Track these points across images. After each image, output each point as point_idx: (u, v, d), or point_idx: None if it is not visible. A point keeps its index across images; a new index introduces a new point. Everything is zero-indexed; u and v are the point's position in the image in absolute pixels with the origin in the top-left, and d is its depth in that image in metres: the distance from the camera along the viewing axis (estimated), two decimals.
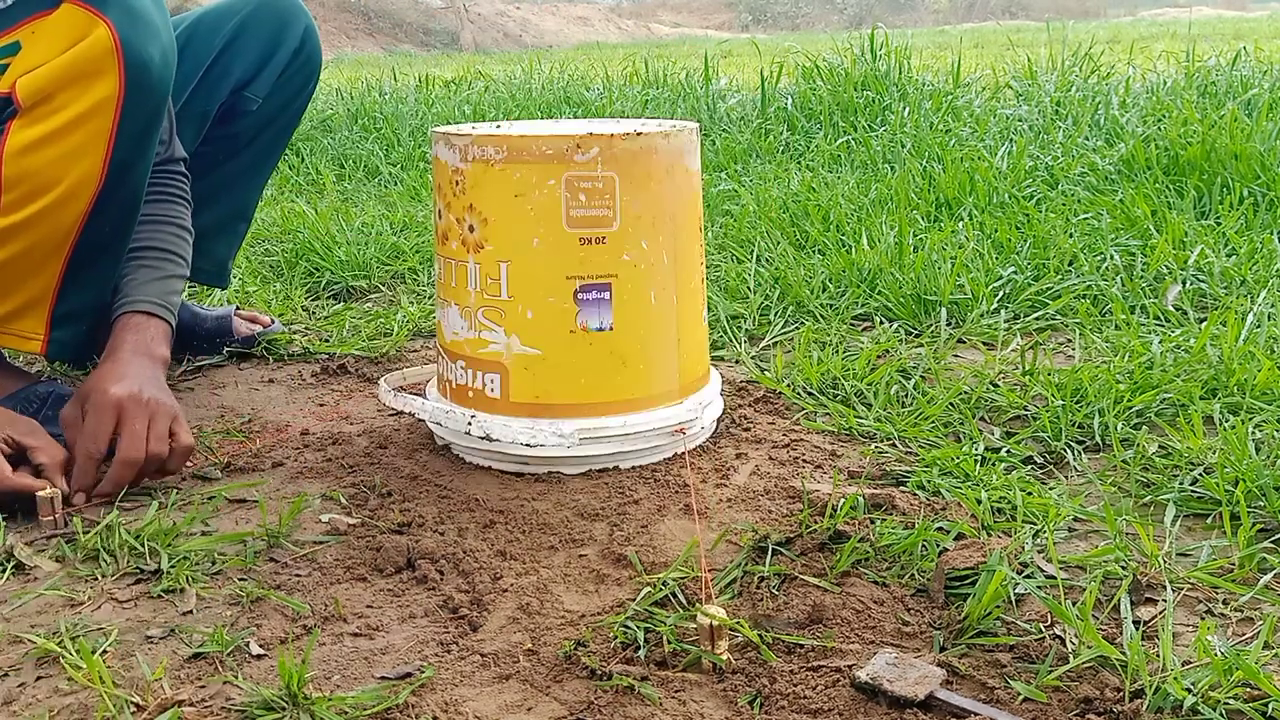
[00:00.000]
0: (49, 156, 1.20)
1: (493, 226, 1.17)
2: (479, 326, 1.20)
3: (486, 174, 1.16)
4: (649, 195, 1.18)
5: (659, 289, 1.21)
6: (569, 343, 1.18)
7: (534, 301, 1.17)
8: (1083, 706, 0.78)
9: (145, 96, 1.23)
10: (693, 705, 0.80)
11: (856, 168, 2.69)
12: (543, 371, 1.18)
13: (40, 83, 1.17)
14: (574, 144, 1.14)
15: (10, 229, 1.22)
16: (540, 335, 1.18)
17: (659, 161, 1.19)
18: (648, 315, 1.20)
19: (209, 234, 1.68)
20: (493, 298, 1.18)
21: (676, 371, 1.24)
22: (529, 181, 1.15)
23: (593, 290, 1.17)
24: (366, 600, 0.97)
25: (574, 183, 1.15)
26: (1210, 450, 1.15)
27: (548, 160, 1.14)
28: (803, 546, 1.01)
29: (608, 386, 1.19)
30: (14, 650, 0.91)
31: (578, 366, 1.18)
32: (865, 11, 23.96)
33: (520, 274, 1.17)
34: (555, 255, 1.16)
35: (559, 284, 1.17)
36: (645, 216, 1.18)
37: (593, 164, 1.14)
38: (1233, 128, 2.33)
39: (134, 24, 1.20)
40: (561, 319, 1.17)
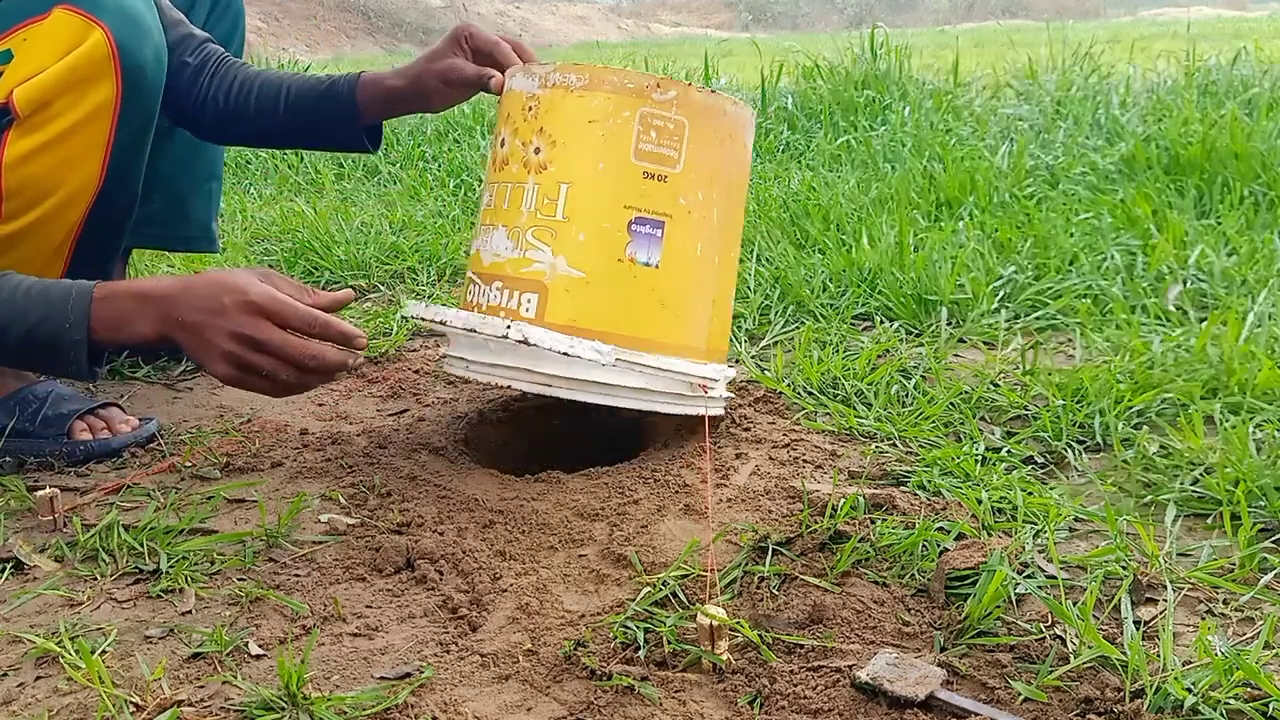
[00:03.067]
0: (48, 164, 1.20)
1: (560, 149, 1.19)
2: (526, 246, 1.20)
3: (564, 99, 1.19)
4: (711, 151, 1.22)
5: (706, 243, 1.23)
6: (615, 271, 1.18)
7: (588, 225, 1.18)
8: (1083, 706, 0.78)
9: (141, 100, 1.23)
10: (693, 705, 0.80)
11: (857, 167, 2.68)
12: (583, 295, 1.18)
13: (38, 91, 1.17)
14: (654, 83, 1.19)
15: (10, 236, 1.22)
16: (588, 259, 1.18)
17: (725, 124, 1.23)
18: (692, 263, 1.22)
19: (184, 199, 1.69)
20: (546, 218, 1.19)
21: (706, 332, 1.25)
22: (605, 110, 1.18)
23: (647, 224, 1.18)
24: (366, 600, 0.97)
25: (648, 118, 1.18)
26: (1211, 450, 1.14)
27: (626, 93, 1.18)
28: (803, 546, 1.00)
29: (644, 323, 1.19)
30: (13, 650, 0.91)
31: (619, 296, 1.18)
32: (865, 11, 23.95)
33: (580, 197, 1.18)
34: (617, 183, 1.18)
35: (616, 211, 1.18)
36: (705, 169, 1.21)
37: (668, 105, 1.19)
38: (1233, 127, 2.33)
39: (129, 28, 1.19)
40: (612, 246, 1.18)
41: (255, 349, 1.11)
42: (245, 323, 1.10)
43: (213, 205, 1.75)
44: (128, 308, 1.13)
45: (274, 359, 1.11)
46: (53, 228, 1.25)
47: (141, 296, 1.13)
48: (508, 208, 1.22)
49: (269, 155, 3.48)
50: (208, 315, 1.11)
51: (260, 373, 1.12)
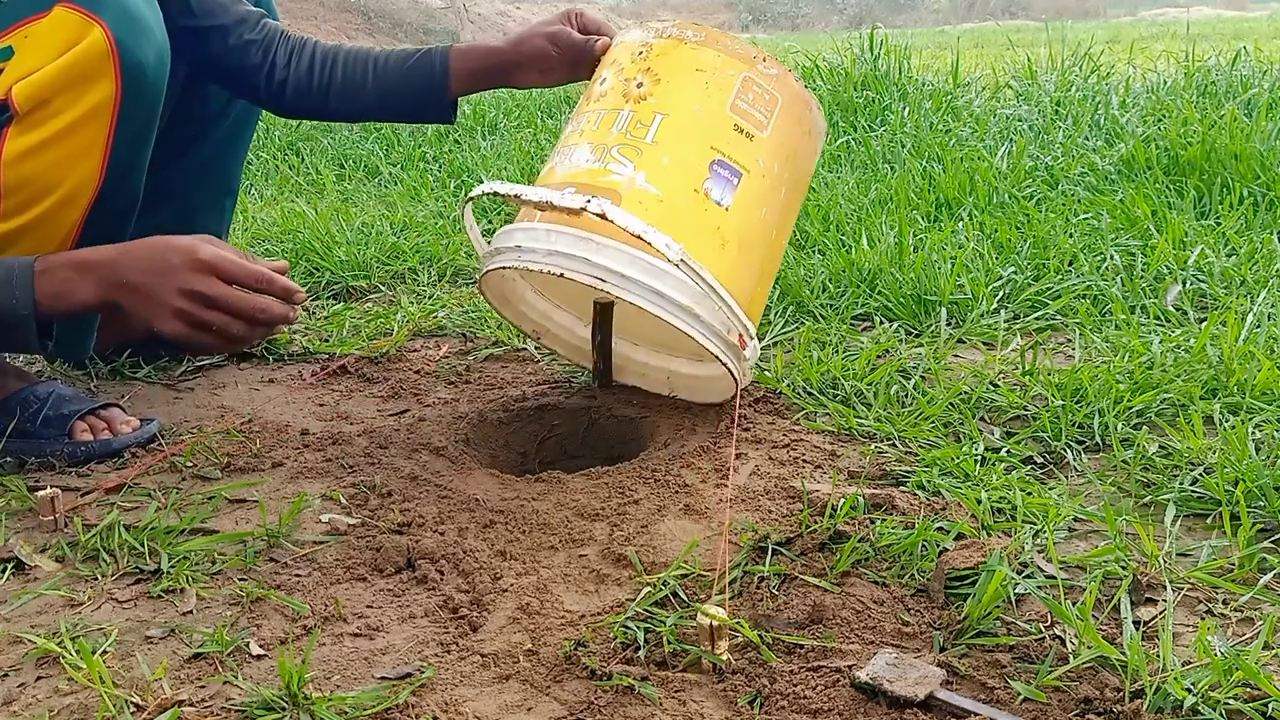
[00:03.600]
0: (47, 161, 1.20)
1: (664, 85, 1.26)
2: (609, 160, 1.23)
3: (678, 49, 1.28)
4: (794, 135, 1.31)
5: (770, 212, 1.29)
6: (689, 199, 1.22)
7: (674, 151, 1.23)
8: (1083, 706, 0.78)
9: (142, 98, 1.23)
10: (693, 705, 0.80)
11: (856, 168, 2.68)
12: (655, 211, 1.20)
13: (37, 88, 1.17)
14: (762, 56, 1.30)
15: (10, 234, 1.22)
16: (667, 180, 1.22)
17: (808, 117, 1.33)
18: (757, 221, 1.27)
19: (196, 213, 1.69)
20: (635, 139, 1.24)
21: (749, 294, 1.28)
22: (714, 64, 1.27)
23: (727, 169, 1.24)
24: (366, 600, 0.97)
25: (750, 82, 1.28)
26: (1210, 450, 1.14)
27: (736, 56, 1.28)
28: (803, 546, 1.01)
29: (704, 254, 1.20)
30: (14, 650, 0.91)
31: (687, 222, 1.21)
32: (865, 11, 23.94)
33: (672, 127, 1.24)
34: (710, 125, 1.25)
35: (703, 149, 1.24)
36: (785, 149, 1.30)
37: (768, 78, 1.29)
38: (1233, 128, 2.33)
39: (129, 26, 1.19)
40: (692, 175, 1.23)
41: (207, 305, 1.17)
42: (196, 280, 1.16)
43: (224, 221, 1.75)
44: (68, 276, 1.17)
45: (224, 314, 1.18)
46: (53, 225, 1.25)
47: (81, 264, 1.17)
48: (596, 129, 1.26)
49: (269, 156, 3.48)
50: (156, 276, 1.16)
51: (211, 328, 1.18)
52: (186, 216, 1.68)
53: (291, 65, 1.51)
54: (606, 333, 1.41)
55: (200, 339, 1.20)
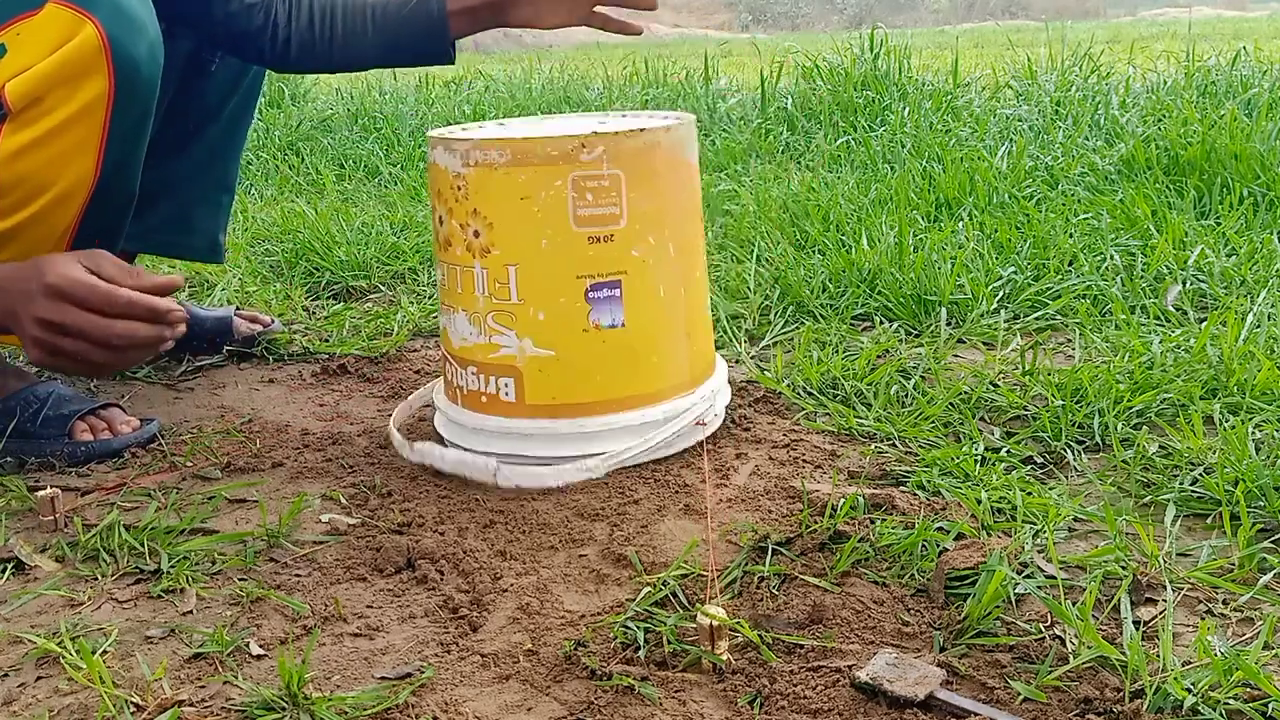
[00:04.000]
0: (42, 159, 1.20)
1: (499, 231, 1.17)
2: (489, 331, 1.19)
3: (490, 178, 1.15)
4: (654, 190, 1.18)
5: (667, 283, 1.21)
6: (583, 342, 1.18)
7: (545, 303, 1.17)
8: (1083, 706, 0.78)
9: (135, 94, 1.23)
10: (693, 705, 0.80)
11: (856, 168, 2.68)
12: (557, 372, 1.18)
13: (29, 86, 1.17)
14: (579, 144, 1.13)
15: (6, 233, 1.22)
16: (553, 336, 1.18)
17: (662, 156, 1.19)
18: (658, 309, 1.21)
19: (194, 209, 1.69)
20: (502, 301, 1.18)
21: (687, 362, 1.25)
22: (534, 184, 1.14)
23: (603, 288, 1.17)
24: (366, 600, 0.97)
25: (580, 182, 1.14)
26: (1210, 450, 1.15)
27: (553, 162, 1.14)
28: (803, 546, 1.01)
29: (622, 383, 1.20)
30: (14, 650, 0.91)
31: (592, 365, 1.19)
32: (865, 11, 23.94)
33: (530, 276, 1.17)
34: (564, 255, 1.16)
35: (569, 284, 1.17)
36: (651, 211, 1.18)
37: (598, 163, 1.14)
38: (1233, 128, 2.33)
39: (121, 21, 1.19)
40: (574, 319, 1.17)
41: (60, 333, 1.14)
42: (46, 307, 1.14)
43: (221, 218, 1.74)
44: None
45: (79, 341, 1.15)
46: (49, 224, 1.25)
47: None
48: (462, 292, 1.21)
49: (269, 156, 3.48)
50: (18, 302, 1.15)
51: (70, 355, 1.16)
52: (184, 214, 1.68)
53: (293, 23, 1.50)
54: None
55: (64, 365, 1.19)
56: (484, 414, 1.22)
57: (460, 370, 1.24)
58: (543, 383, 1.19)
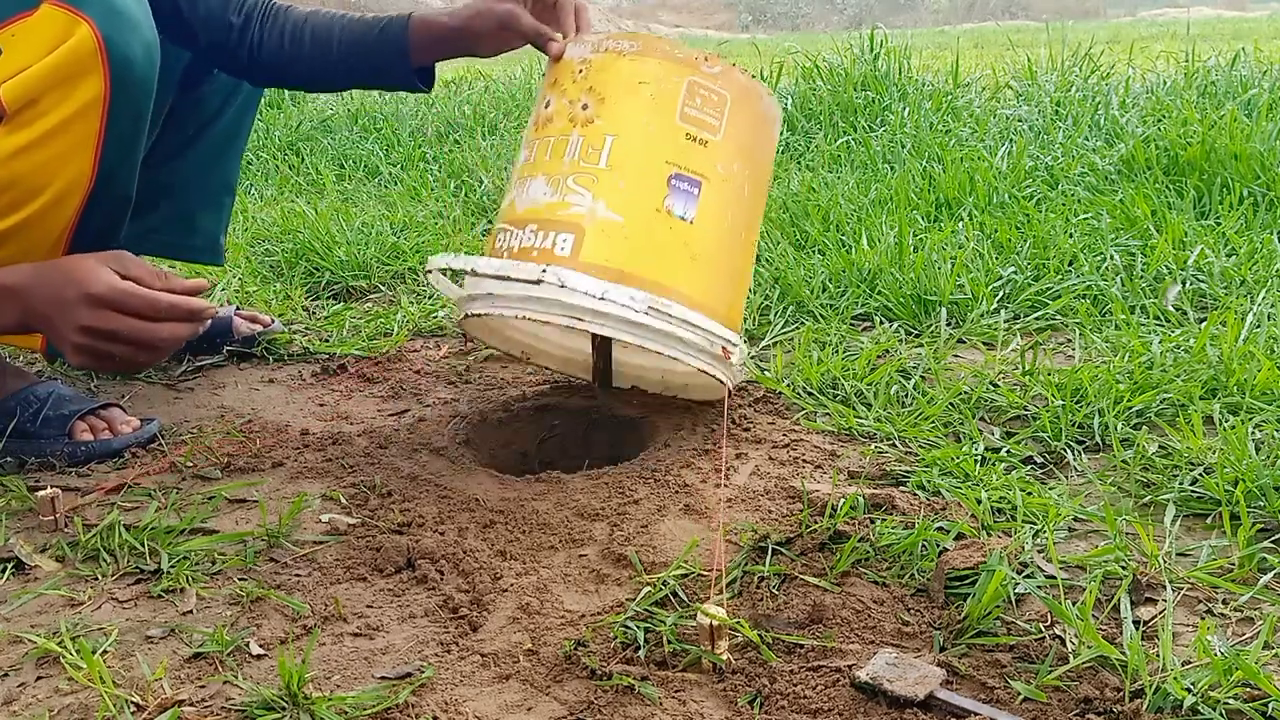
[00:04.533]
0: (37, 161, 1.20)
1: (609, 105, 1.24)
2: (565, 191, 1.22)
3: (616, 62, 1.25)
4: (748, 130, 1.28)
5: (735, 214, 1.28)
6: (651, 219, 1.21)
7: (630, 174, 1.22)
8: (1083, 706, 0.78)
9: (131, 94, 1.23)
10: (693, 705, 0.80)
11: (856, 168, 2.68)
12: (619, 239, 1.20)
13: (25, 87, 1.17)
14: (703, 56, 1.26)
15: (3, 234, 1.22)
16: (627, 205, 1.21)
17: (760, 109, 1.30)
18: (724, 228, 1.26)
19: (195, 211, 1.69)
20: (589, 165, 1.22)
21: (727, 300, 1.27)
22: (656, 74, 1.24)
23: (685, 181, 1.23)
24: (366, 600, 0.97)
25: (694, 87, 1.25)
26: (1210, 450, 1.15)
27: (678, 61, 1.25)
28: (803, 546, 1.01)
29: (674, 272, 1.21)
30: (14, 650, 0.91)
31: (653, 244, 1.21)
32: (865, 11, 23.95)
33: (624, 148, 1.22)
34: (662, 140, 1.23)
35: (657, 165, 1.22)
36: (741, 146, 1.27)
37: (714, 78, 1.26)
38: (1232, 128, 2.33)
39: (115, 22, 1.19)
40: (651, 195, 1.21)
41: (107, 339, 1.19)
42: (93, 316, 1.17)
43: (223, 219, 1.75)
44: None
45: (124, 345, 1.19)
46: (46, 225, 1.25)
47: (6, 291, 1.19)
48: (549, 159, 1.25)
49: (269, 156, 3.48)
50: (56, 309, 1.18)
51: (115, 357, 1.21)
52: (185, 215, 1.69)
53: (265, 40, 1.50)
54: None
55: (106, 367, 1.26)
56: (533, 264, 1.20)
57: (517, 232, 1.23)
58: (602, 244, 1.19)
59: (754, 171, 1.30)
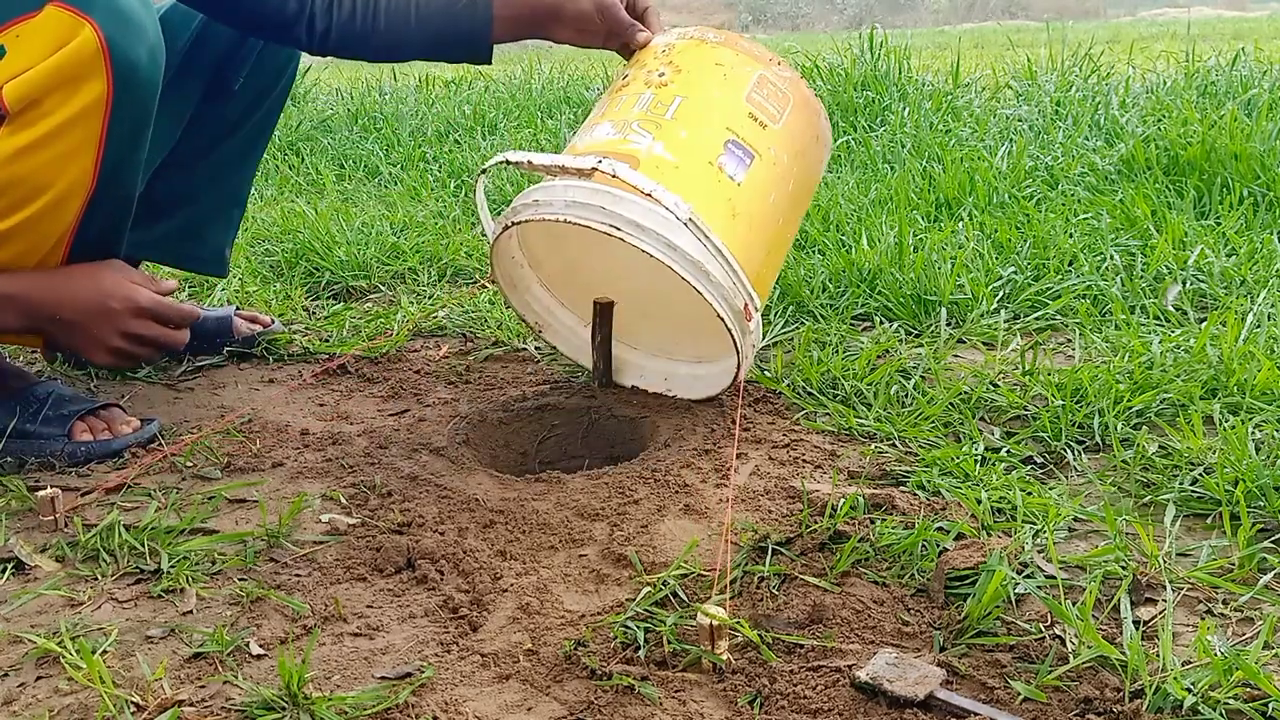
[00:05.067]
0: (40, 161, 1.20)
1: (685, 75, 1.33)
2: (629, 132, 1.28)
3: (699, 47, 1.37)
4: (802, 133, 1.37)
5: (778, 197, 1.33)
6: (703, 169, 1.26)
7: (692, 127, 1.29)
8: (1083, 706, 0.78)
9: (134, 97, 1.23)
10: (693, 705, 0.80)
11: (856, 168, 2.68)
12: (670, 176, 1.23)
13: (28, 88, 1.17)
14: (775, 59, 1.39)
15: (4, 234, 1.22)
16: (684, 151, 1.26)
17: (816, 123, 1.41)
18: (765, 203, 1.31)
19: (205, 222, 1.69)
20: (655, 115, 1.29)
21: (757, 268, 1.30)
22: (732, 60, 1.36)
23: (741, 149, 1.29)
24: (366, 600, 0.97)
25: (765, 79, 1.36)
26: (1210, 450, 1.15)
27: (753, 56, 1.37)
28: (803, 546, 1.01)
29: (715, 220, 1.24)
30: (14, 650, 0.91)
31: (700, 190, 1.25)
32: (865, 11, 23.94)
33: (691, 108, 1.30)
34: (727, 108, 1.32)
35: (718, 128, 1.30)
36: (795, 143, 1.36)
37: (782, 80, 1.37)
38: (1232, 128, 2.33)
39: (120, 24, 1.19)
40: (708, 149, 1.28)
41: (141, 344, 1.34)
42: (137, 325, 1.32)
43: (230, 231, 1.74)
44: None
45: (155, 349, 1.36)
46: (46, 226, 1.25)
47: (7, 298, 1.26)
48: (619, 109, 1.31)
49: (269, 156, 3.48)
50: (96, 317, 1.31)
51: (137, 359, 1.37)
52: (196, 225, 1.68)
53: (333, 13, 1.46)
54: (606, 333, 1.41)
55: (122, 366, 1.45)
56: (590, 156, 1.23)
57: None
58: (654, 175, 1.21)
59: (801, 173, 1.37)
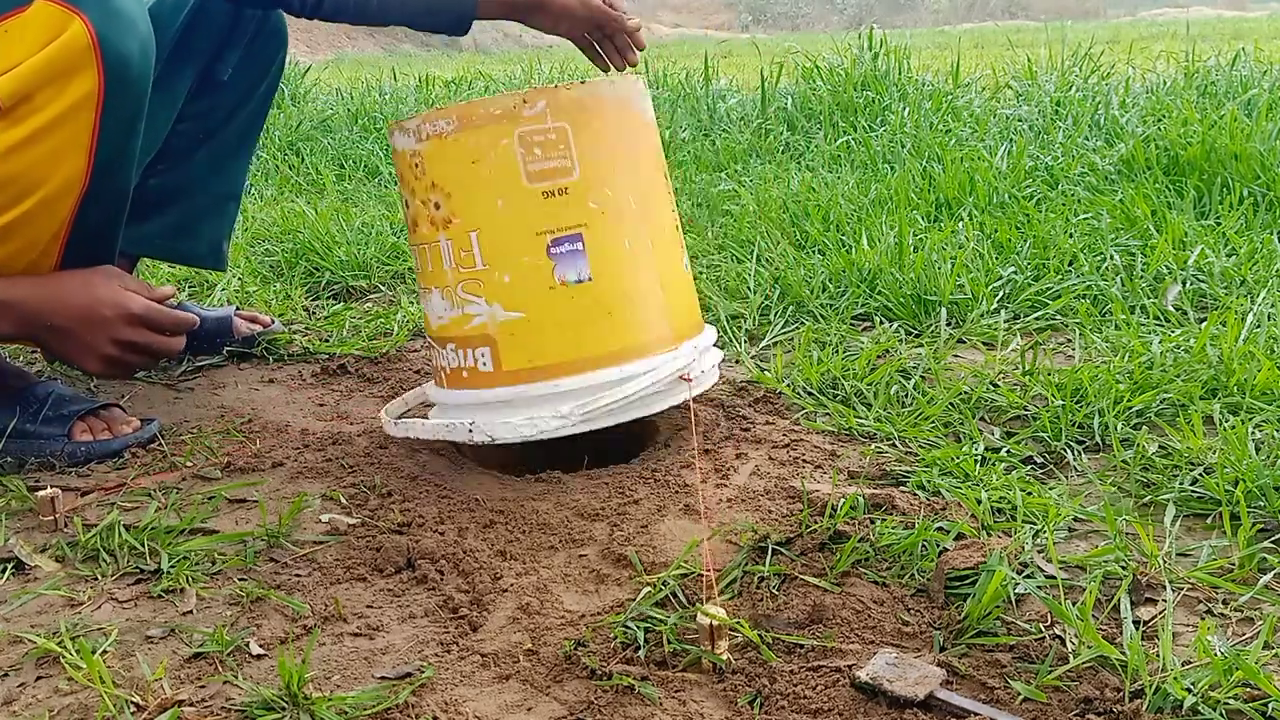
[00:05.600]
0: (32, 158, 1.20)
1: (456, 199, 1.18)
2: (460, 303, 1.20)
3: (442, 148, 1.18)
4: (605, 143, 1.19)
5: (631, 235, 1.21)
6: (550, 300, 1.18)
7: (509, 265, 1.18)
8: (1083, 706, 0.78)
9: (126, 91, 1.23)
10: (693, 705, 0.80)
11: (856, 168, 2.68)
12: (529, 334, 1.18)
13: (18, 83, 1.16)
14: (520, 100, 1.16)
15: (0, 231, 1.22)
16: (520, 298, 1.18)
17: (609, 109, 1.20)
18: (624, 261, 1.21)
19: (200, 216, 1.69)
20: (469, 270, 1.19)
21: (667, 317, 1.24)
22: (482, 145, 1.16)
23: (565, 242, 1.17)
24: (366, 600, 0.97)
25: (527, 138, 1.16)
26: (1210, 450, 1.15)
27: (497, 121, 1.16)
28: (803, 546, 1.01)
29: (597, 339, 1.19)
30: (14, 650, 0.91)
31: (563, 323, 1.18)
32: (865, 11, 23.96)
33: (491, 239, 1.18)
34: (521, 213, 1.17)
35: (530, 242, 1.17)
36: (605, 163, 1.19)
37: (541, 117, 1.16)
38: (1232, 128, 2.33)
39: (110, 18, 1.19)
40: (539, 277, 1.17)
41: (134, 351, 1.32)
42: (129, 332, 1.31)
43: (226, 225, 1.74)
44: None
45: (144, 356, 1.34)
46: (41, 222, 1.25)
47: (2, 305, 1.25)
48: (432, 270, 1.22)
49: (269, 156, 3.48)
50: (87, 325, 1.29)
51: (133, 366, 1.35)
52: (190, 220, 1.68)
53: None
54: None
55: (116, 374, 1.41)
56: (466, 389, 1.22)
57: (441, 350, 1.25)
58: (517, 347, 1.18)
59: (632, 170, 1.22)
